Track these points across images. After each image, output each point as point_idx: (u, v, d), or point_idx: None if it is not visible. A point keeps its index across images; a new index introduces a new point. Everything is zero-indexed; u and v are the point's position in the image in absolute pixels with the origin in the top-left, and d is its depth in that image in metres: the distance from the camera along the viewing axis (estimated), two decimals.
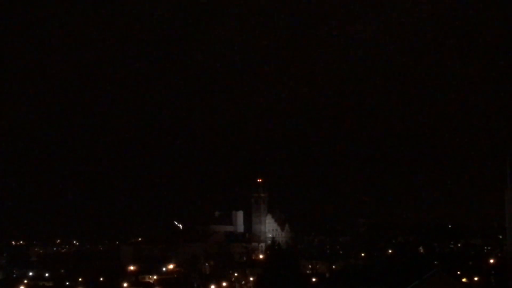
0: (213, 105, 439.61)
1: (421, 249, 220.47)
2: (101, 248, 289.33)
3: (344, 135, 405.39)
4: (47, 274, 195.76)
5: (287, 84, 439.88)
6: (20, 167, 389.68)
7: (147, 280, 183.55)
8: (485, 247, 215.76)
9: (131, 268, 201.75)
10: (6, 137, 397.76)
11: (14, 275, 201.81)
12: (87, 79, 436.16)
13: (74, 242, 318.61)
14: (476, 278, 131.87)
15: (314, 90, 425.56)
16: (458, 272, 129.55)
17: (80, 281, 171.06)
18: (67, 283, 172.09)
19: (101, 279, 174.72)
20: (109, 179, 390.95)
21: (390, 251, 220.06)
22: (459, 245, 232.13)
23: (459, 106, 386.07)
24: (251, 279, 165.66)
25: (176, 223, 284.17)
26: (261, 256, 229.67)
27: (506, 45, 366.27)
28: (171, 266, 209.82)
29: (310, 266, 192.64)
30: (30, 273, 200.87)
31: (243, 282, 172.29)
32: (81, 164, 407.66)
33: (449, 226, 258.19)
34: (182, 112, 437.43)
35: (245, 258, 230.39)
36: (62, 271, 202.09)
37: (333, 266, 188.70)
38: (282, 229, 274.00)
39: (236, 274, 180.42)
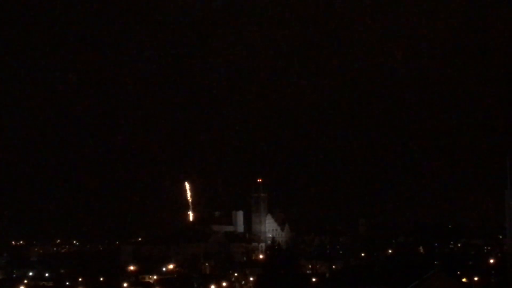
0: (214, 106, 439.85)
1: (421, 249, 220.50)
2: (101, 248, 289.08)
3: (344, 135, 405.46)
4: (47, 274, 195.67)
5: (287, 86, 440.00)
6: (20, 167, 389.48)
7: (147, 280, 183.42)
8: (485, 247, 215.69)
9: (131, 268, 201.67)
10: (6, 137, 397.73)
11: (14, 275, 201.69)
12: (90, 80, 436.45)
13: (74, 242, 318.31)
14: (476, 278, 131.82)
15: (314, 90, 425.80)
16: (458, 272, 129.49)
17: (80, 281, 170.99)
18: (67, 283, 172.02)
19: (101, 279, 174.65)
20: (109, 179, 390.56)
21: (390, 251, 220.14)
22: (459, 245, 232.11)
23: (459, 107, 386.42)
24: (251, 279, 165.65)
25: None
26: (261, 256, 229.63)
27: (506, 46, 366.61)
28: (171, 266, 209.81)
29: (310, 266, 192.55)
30: (30, 273, 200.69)
31: (243, 282, 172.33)
32: (82, 164, 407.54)
33: (449, 226, 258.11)
34: (182, 112, 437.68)
35: (245, 258, 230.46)
36: (62, 271, 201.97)
37: (333, 266, 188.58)
38: (282, 229, 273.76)
39: (236, 274, 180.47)
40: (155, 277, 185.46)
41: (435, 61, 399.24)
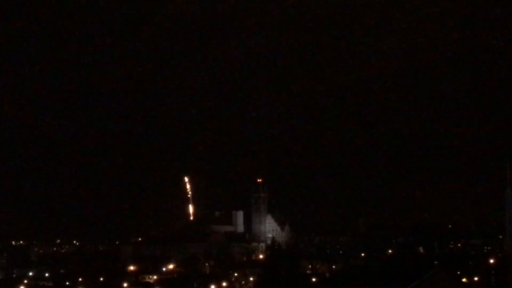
0: (215, 106, 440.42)
1: (421, 249, 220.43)
2: (101, 248, 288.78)
3: (344, 136, 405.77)
4: (47, 274, 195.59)
5: (287, 86, 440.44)
6: (20, 167, 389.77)
7: (147, 280, 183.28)
8: (485, 247, 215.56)
9: (131, 268, 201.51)
10: (6, 137, 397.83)
11: (14, 275, 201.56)
12: (92, 79, 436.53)
13: (74, 242, 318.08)
14: (476, 278, 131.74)
15: (314, 91, 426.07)
16: (458, 272, 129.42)
17: (80, 281, 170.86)
18: (67, 283, 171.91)
19: (101, 279, 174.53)
20: (109, 179, 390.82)
21: (390, 251, 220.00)
22: (459, 245, 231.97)
23: (459, 107, 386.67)
24: (251, 279, 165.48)
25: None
26: (261, 256, 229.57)
27: (506, 47, 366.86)
28: (171, 266, 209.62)
29: (310, 266, 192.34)
30: (30, 273, 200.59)
31: (243, 282, 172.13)
32: (81, 164, 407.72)
33: (449, 226, 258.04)
34: (183, 113, 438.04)
35: (245, 258, 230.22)
36: (62, 271, 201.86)
37: (333, 266, 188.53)
38: (282, 229, 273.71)
39: (236, 274, 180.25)
40: (155, 277, 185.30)
41: (435, 62, 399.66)
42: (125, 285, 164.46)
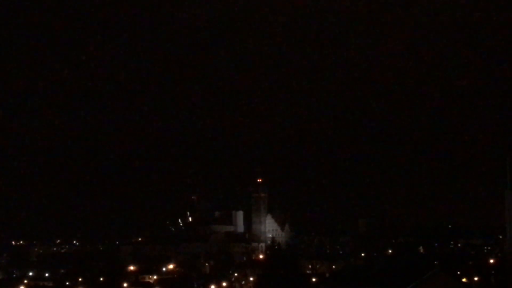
0: (214, 106, 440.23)
1: (421, 249, 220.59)
2: (101, 248, 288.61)
3: (344, 135, 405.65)
4: (47, 274, 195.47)
5: (288, 86, 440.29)
6: (20, 167, 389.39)
7: (147, 280, 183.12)
8: (485, 247, 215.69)
9: (131, 268, 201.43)
10: (6, 137, 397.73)
11: (14, 275, 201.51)
12: (91, 79, 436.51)
13: (74, 242, 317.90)
14: (476, 278, 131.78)
15: (314, 91, 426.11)
16: (458, 272, 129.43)
17: (80, 281, 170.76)
18: (67, 283, 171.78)
19: (101, 279, 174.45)
20: (109, 179, 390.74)
21: (390, 251, 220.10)
22: (459, 245, 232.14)
23: (459, 107, 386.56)
24: (251, 279, 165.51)
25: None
26: (261, 256, 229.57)
27: (506, 46, 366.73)
28: (171, 266, 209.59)
29: (310, 266, 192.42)
30: (30, 273, 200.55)
31: (243, 282, 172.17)
32: (81, 164, 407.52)
33: (449, 226, 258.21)
34: (183, 113, 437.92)
35: (245, 258, 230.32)
36: (62, 271, 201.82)
37: (333, 266, 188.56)
38: (282, 229, 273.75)
39: (236, 274, 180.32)
40: (155, 277, 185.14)
41: (435, 62, 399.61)
42: (125, 285, 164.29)
